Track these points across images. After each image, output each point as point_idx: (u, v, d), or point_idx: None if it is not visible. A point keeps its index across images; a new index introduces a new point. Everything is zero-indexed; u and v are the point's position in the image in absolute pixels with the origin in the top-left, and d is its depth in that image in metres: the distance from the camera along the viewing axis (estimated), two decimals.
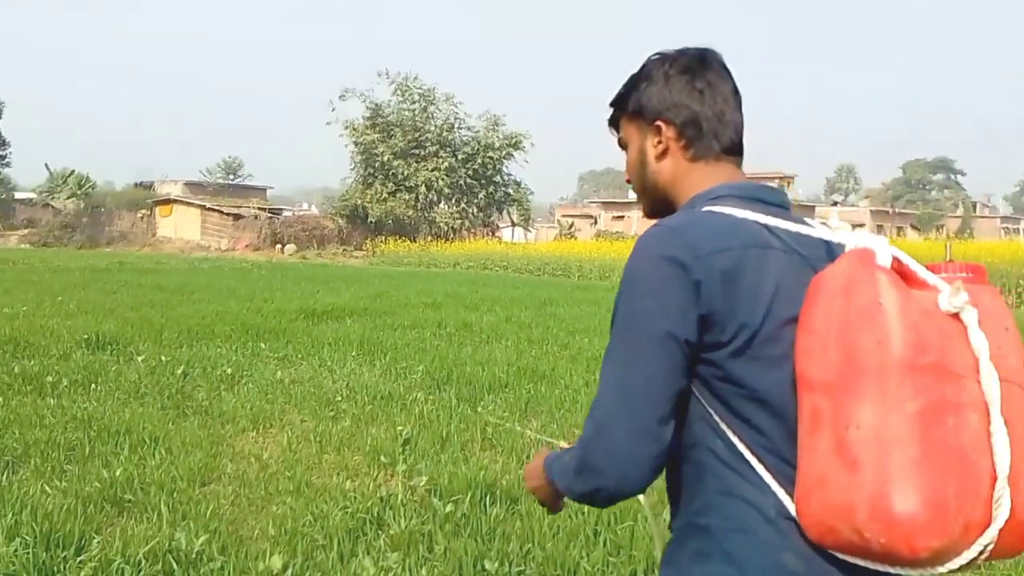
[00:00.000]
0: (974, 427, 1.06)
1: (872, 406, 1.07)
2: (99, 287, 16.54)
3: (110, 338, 9.21)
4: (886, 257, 1.13)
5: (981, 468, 1.06)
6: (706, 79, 1.36)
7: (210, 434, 5.68)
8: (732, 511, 1.22)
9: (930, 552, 1.04)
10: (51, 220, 45.42)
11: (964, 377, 1.07)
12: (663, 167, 1.39)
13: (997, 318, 1.13)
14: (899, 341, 1.06)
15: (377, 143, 44.10)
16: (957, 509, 1.03)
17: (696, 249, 1.20)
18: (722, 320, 1.20)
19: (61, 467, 4.74)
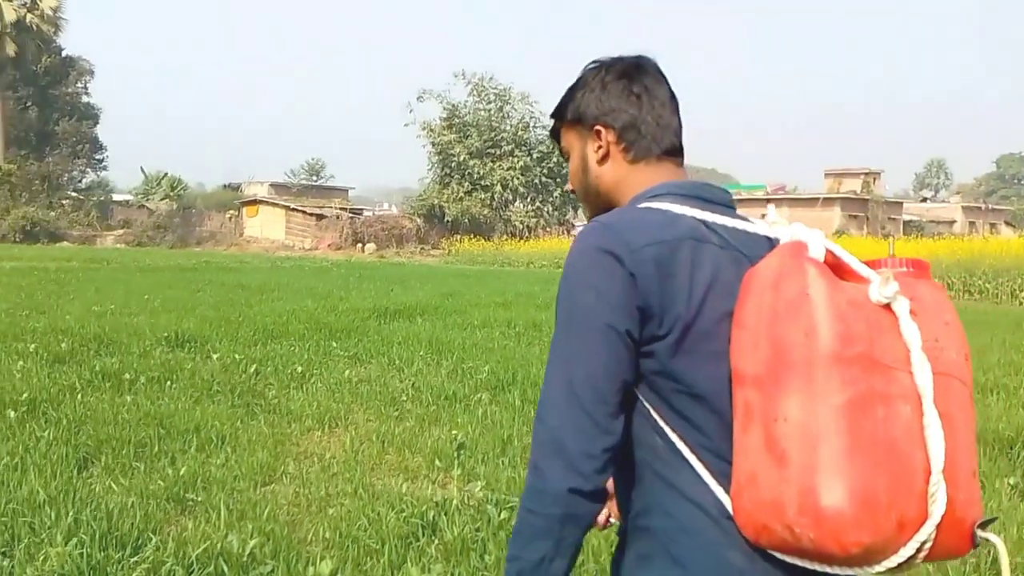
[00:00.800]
0: (906, 419, 1.03)
1: (799, 399, 1.04)
2: (184, 286, 17.04)
3: (189, 336, 9.41)
4: (818, 250, 1.10)
5: (914, 461, 1.02)
6: (643, 84, 1.38)
7: (276, 433, 5.71)
8: (675, 511, 1.19)
9: (861, 548, 1.00)
10: (145, 221, 47.18)
11: (895, 368, 1.04)
12: (604, 171, 1.39)
13: (937, 311, 1.11)
14: (826, 332, 1.03)
15: (453, 143, 44.37)
16: (888, 503, 1.00)
17: (630, 243, 1.19)
18: (658, 313, 1.18)
19: (130, 464, 4.81)
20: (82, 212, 46.79)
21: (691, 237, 1.21)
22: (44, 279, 17.40)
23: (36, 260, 24.86)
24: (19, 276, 18.01)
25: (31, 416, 5.63)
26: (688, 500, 1.18)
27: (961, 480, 1.05)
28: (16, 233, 40.25)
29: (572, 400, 1.17)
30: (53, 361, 7.65)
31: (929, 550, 1.04)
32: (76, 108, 48.13)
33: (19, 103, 45.74)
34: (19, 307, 11.85)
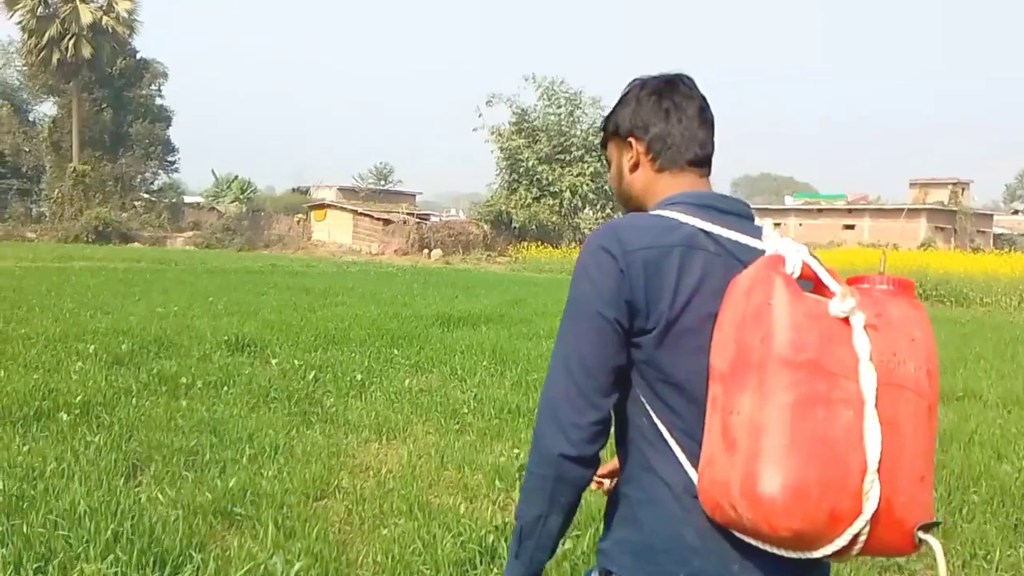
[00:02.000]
0: (846, 422, 1.15)
1: (751, 395, 1.19)
2: (249, 289, 17.25)
3: (249, 340, 9.42)
4: (795, 264, 1.24)
5: (851, 460, 1.14)
6: (672, 100, 1.53)
7: (331, 443, 5.58)
8: (647, 484, 1.37)
9: (791, 532, 1.14)
10: (214, 223, 48.33)
11: (840, 376, 1.16)
12: (635, 178, 1.56)
13: (904, 327, 1.22)
14: (780, 339, 1.17)
15: (522, 148, 44.27)
16: (819, 496, 1.12)
17: (625, 244, 1.36)
18: (644, 308, 1.34)
19: (179, 473, 4.72)
20: (153, 214, 48.21)
21: (684, 244, 1.36)
22: (112, 279, 17.84)
23: (106, 260, 25.61)
24: (88, 276, 18.51)
25: (84, 419, 5.62)
26: (658, 476, 1.35)
27: (903, 484, 1.17)
28: (89, 233, 41.64)
29: (567, 377, 1.37)
30: (112, 363, 7.71)
31: (866, 544, 1.16)
32: (149, 110, 49.58)
33: (94, 105, 47.37)
34: (85, 307, 12.10)
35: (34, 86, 49.41)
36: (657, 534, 1.35)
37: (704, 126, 1.55)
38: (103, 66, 45.59)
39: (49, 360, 7.57)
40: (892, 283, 1.28)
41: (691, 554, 1.32)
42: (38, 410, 5.69)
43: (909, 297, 1.29)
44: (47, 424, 5.47)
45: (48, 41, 43.26)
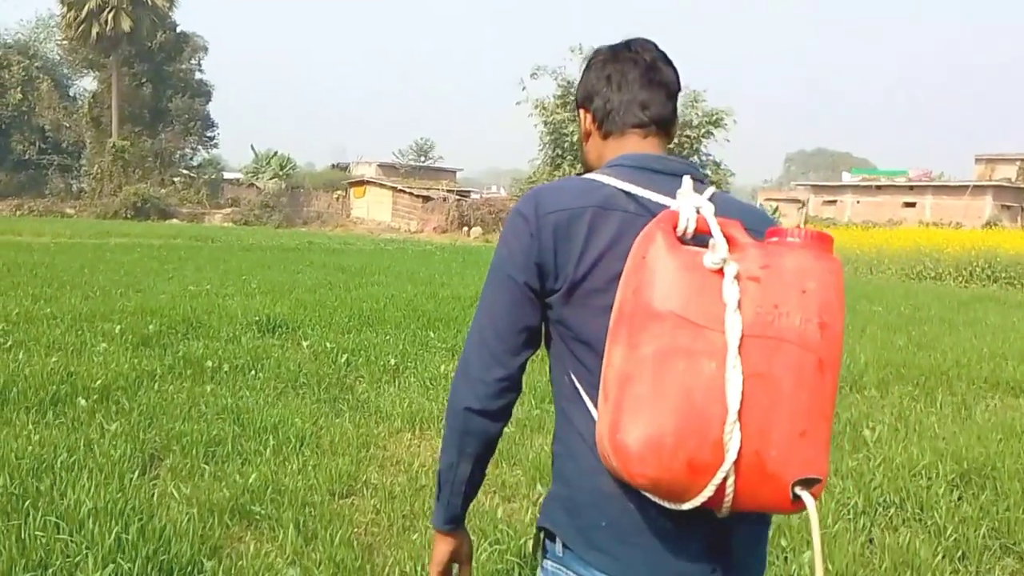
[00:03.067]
0: (708, 373, 1.16)
1: (620, 347, 1.23)
2: (285, 267, 17.16)
3: (281, 320, 9.24)
4: (689, 218, 1.25)
5: (711, 411, 1.15)
6: (615, 66, 1.55)
7: (361, 434, 5.33)
8: (568, 440, 1.43)
9: (647, 480, 1.18)
10: (253, 199, 48.59)
11: (706, 328, 1.17)
12: (589, 147, 1.61)
13: (796, 279, 1.20)
14: (647, 291, 1.21)
15: (567, 122, 43.66)
16: (674, 445, 1.15)
17: (539, 208, 1.42)
18: (552, 270, 1.40)
19: (197, 466, 4.50)
20: (192, 190, 48.65)
21: (598, 206, 1.39)
22: (147, 256, 17.89)
23: (143, 237, 25.79)
24: (122, 253, 18.58)
25: (102, 405, 5.44)
26: (576, 431, 1.40)
27: (777, 438, 1.16)
28: (127, 209, 42.13)
29: (479, 337, 1.44)
30: (138, 344, 7.55)
31: (739, 497, 1.17)
32: (189, 85, 49.96)
33: (134, 79, 47.83)
34: (116, 285, 12.05)
35: (74, 60, 50.05)
36: (581, 488, 1.39)
37: (649, 87, 1.54)
38: (143, 40, 45.98)
39: (73, 341, 7.44)
40: (802, 236, 1.26)
41: (608, 502, 1.35)
42: (55, 395, 5.52)
43: (817, 250, 1.25)
44: (64, 410, 5.30)
45: (87, 14, 43.71)
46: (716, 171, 45.81)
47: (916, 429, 6.05)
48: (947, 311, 14.64)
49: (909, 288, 21.20)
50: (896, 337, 10.81)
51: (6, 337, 7.36)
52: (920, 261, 26.25)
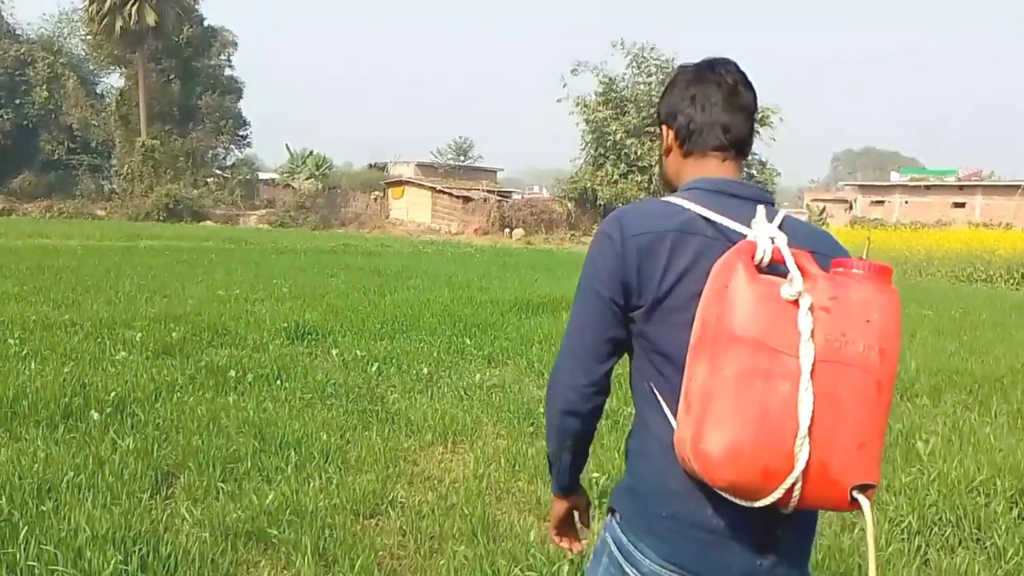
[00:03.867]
0: (783, 393, 1.38)
1: (704, 366, 1.44)
2: (319, 270, 17.21)
3: (310, 327, 9.20)
4: (765, 250, 1.47)
5: (784, 426, 1.37)
6: (699, 87, 1.74)
7: (390, 448, 5.23)
8: (643, 438, 1.68)
9: (726, 483, 1.42)
10: (288, 200, 49.02)
11: (782, 353, 1.39)
12: (669, 162, 1.84)
13: (860, 311, 1.42)
14: (729, 318, 1.42)
15: (609, 120, 43.35)
16: (751, 455, 1.38)
17: (625, 230, 1.63)
18: (636, 288, 1.61)
19: (213, 485, 4.42)
20: (226, 191, 49.24)
21: (679, 230, 1.60)
22: (176, 259, 18.06)
23: (173, 239, 26.10)
24: (151, 256, 18.80)
25: (116, 419, 5.40)
26: (651, 432, 1.64)
27: (839, 449, 1.40)
28: (159, 211, 42.76)
29: (570, 347, 1.70)
30: (159, 353, 7.55)
31: (803, 498, 1.41)
32: (219, 82, 50.58)
33: (161, 76, 48.53)
34: (142, 289, 12.14)
35: (99, 56, 50.81)
36: (646, 480, 1.64)
37: (731, 111, 1.73)
38: (169, 34, 46.60)
39: (91, 349, 7.45)
40: (865, 268, 1.47)
41: (672, 497, 1.58)
42: (67, 408, 5.50)
43: (879, 282, 1.46)
44: (75, 424, 5.27)
45: (110, 7, 44.35)
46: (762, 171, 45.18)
47: (971, 441, 5.90)
48: (999, 315, 14.47)
49: (959, 291, 20.81)
50: (947, 342, 10.59)
51: (21, 346, 7.40)
52: (971, 263, 26.12)
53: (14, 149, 47.50)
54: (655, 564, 1.61)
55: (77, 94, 49.31)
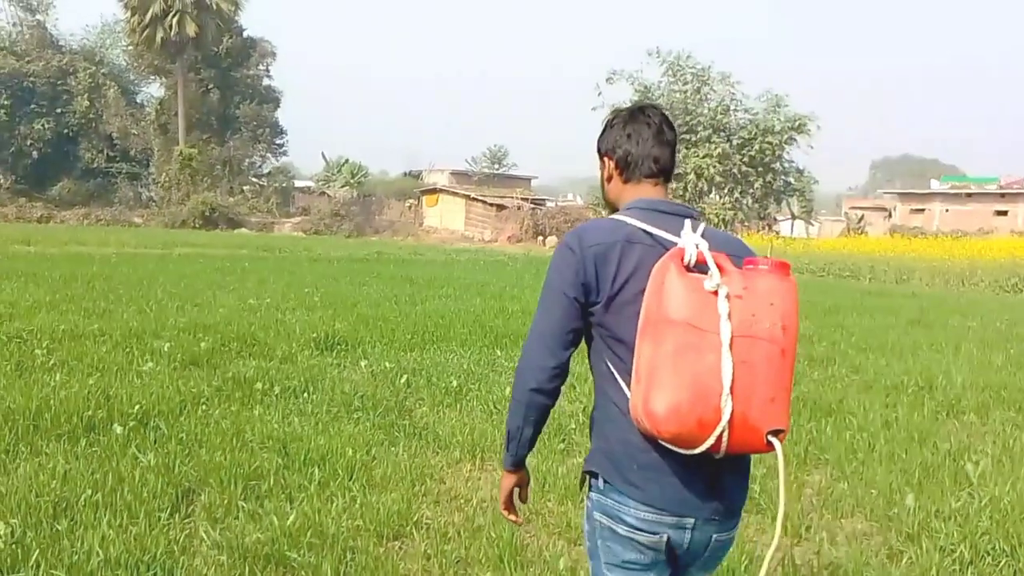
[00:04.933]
0: (710, 362, 1.77)
1: (649, 344, 1.84)
2: (351, 278, 17.17)
3: (340, 338, 9.11)
4: (691, 253, 1.87)
5: (712, 387, 1.76)
6: (633, 126, 2.18)
7: (416, 465, 5.08)
8: (607, 408, 2.06)
9: (670, 435, 1.81)
10: (323, 208, 49.28)
11: (707, 331, 1.78)
12: (611, 187, 2.25)
13: (765, 296, 1.83)
14: (666, 306, 1.82)
15: None
16: (688, 411, 1.77)
17: (583, 242, 2.04)
18: (595, 287, 2.01)
19: (234, 503, 4.29)
20: (262, 198, 49.62)
21: (625, 240, 2.02)
22: (209, 268, 18.12)
23: (208, 247, 26.28)
24: (185, 264, 18.89)
25: (139, 433, 5.29)
26: (612, 402, 2.03)
27: (755, 403, 1.79)
28: (196, 219, 43.18)
29: (539, 336, 2.07)
30: (187, 364, 7.48)
31: (730, 443, 1.79)
32: (257, 91, 51.08)
33: (200, 85, 49.12)
34: (173, 298, 12.13)
35: (139, 66, 51.69)
36: (615, 441, 1.99)
37: (660, 145, 2.16)
38: (208, 45, 47.21)
39: (118, 360, 7.39)
40: (768, 264, 1.88)
41: (638, 452, 1.94)
42: (90, 421, 5.42)
43: (780, 274, 1.87)
44: (97, 438, 5.18)
45: (151, 18, 45.05)
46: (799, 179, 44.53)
47: (1023, 462, 5.64)
48: None
49: (1004, 301, 20.33)
50: (993, 355, 10.29)
51: (48, 356, 7.36)
52: (1015, 272, 25.58)
53: (54, 157, 48.34)
54: (636, 509, 1.97)
55: (117, 103, 50.07)
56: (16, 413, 5.47)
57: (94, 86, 49.44)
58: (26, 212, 43.69)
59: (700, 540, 1.99)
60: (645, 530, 1.96)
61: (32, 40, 51.63)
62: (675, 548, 1.99)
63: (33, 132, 47.49)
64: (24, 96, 47.75)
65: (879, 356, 9.76)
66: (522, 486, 2.29)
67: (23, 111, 47.61)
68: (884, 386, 7.99)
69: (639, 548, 1.99)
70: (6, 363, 7.08)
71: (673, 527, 1.96)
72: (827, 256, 31.85)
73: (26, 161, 47.91)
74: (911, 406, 7.21)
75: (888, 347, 10.56)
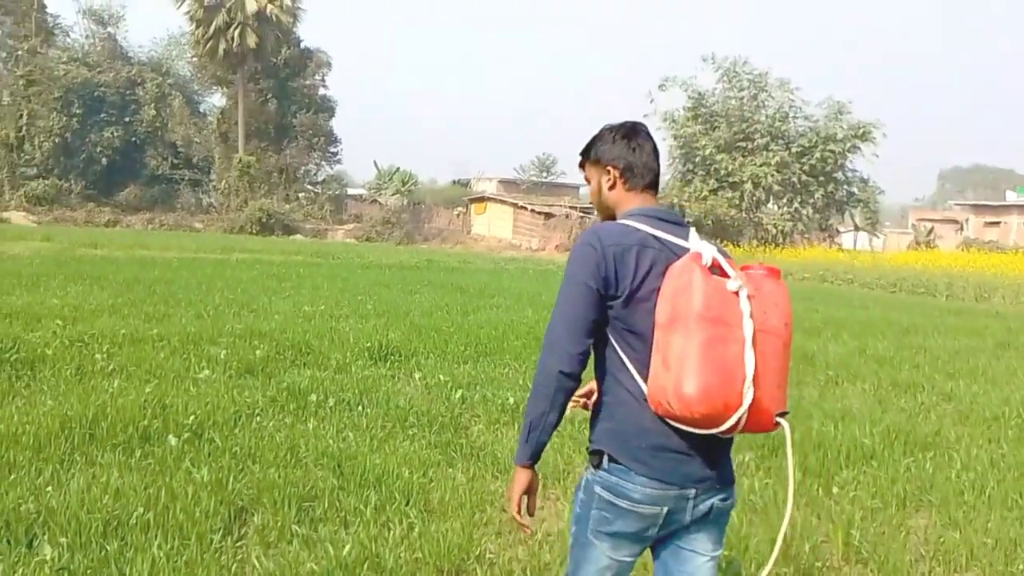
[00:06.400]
0: (735, 352, 1.98)
1: (679, 337, 2.00)
2: (402, 286, 16.94)
3: (393, 348, 8.84)
4: (708, 258, 2.07)
5: (736, 375, 1.97)
6: (636, 141, 2.37)
7: (475, 490, 4.77)
8: (618, 394, 2.20)
9: (701, 415, 1.98)
10: (375, 216, 49.43)
11: (733, 325, 1.99)
12: (611, 194, 2.38)
13: (771, 297, 2.09)
14: (697, 303, 2.00)
15: (699, 136, 42.41)
16: (717, 394, 1.96)
17: (602, 241, 2.19)
18: (614, 283, 2.15)
19: (288, 527, 4.02)
20: (316, 205, 49.93)
21: (639, 244, 2.18)
22: (265, 273, 18.04)
23: (264, 252, 26.32)
24: (243, 269, 18.84)
25: (193, 446, 5.06)
26: (624, 388, 2.18)
27: (766, 389, 2.00)
28: (253, 224, 43.50)
29: (564, 323, 2.18)
30: (242, 372, 7.27)
31: (746, 424, 2.01)
32: (313, 101, 51.41)
33: (259, 95, 49.61)
34: (231, 304, 11.99)
35: (203, 77, 52.49)
36: (626, 422, 2.18)
37: (655, 159, 2.39)
38: (268, 56, 47.68)
39: (175, 366, 7.20)
40: (765, 269, 2.15)
41: (647, 433, 2.14)
42: (146, 431, 5.20)
43: (775, 279, 2.14)
44: (152, 449, 4.95)
45: (215, 31, 45.67)
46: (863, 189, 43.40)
47: None
48: None
49: None
50: None
51: (108, 361, 7.20)
52: None
53: (122, 164, 49.13)
54: (643, 485, 2.12)
55: (182, 113, 50.79)
56: (73, 421, 5.28)
57: (160, 96, 50.21)
58: (95, 216, 44.35)
59: (703, 508, 2.18)
60: (648, 503, 2.13)
61: (104, 52, 52.64)
62: (675, 520, 2.17)
63: (103, 140, 48.26)
64: (95, 106, 48.58)
65: (970, 382, 9.09)
66: (532, 493, 2.30)
67: (94, 120, 48.42)
68: (983, 417, 7.34)
69: (635, 520, 2.16)
70: (66, 367, 6.93)
71: (676, 499, 2.14)
72: (897, 271, 30.38)
73: (96, 167, 48.70)
74: (1018, 441, 6.57)
75: (979, 372, 9.87)
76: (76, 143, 47.92)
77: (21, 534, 3.68)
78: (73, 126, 47.41)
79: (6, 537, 3.67)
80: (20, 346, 7.42)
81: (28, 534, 3.70)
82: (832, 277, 31.04)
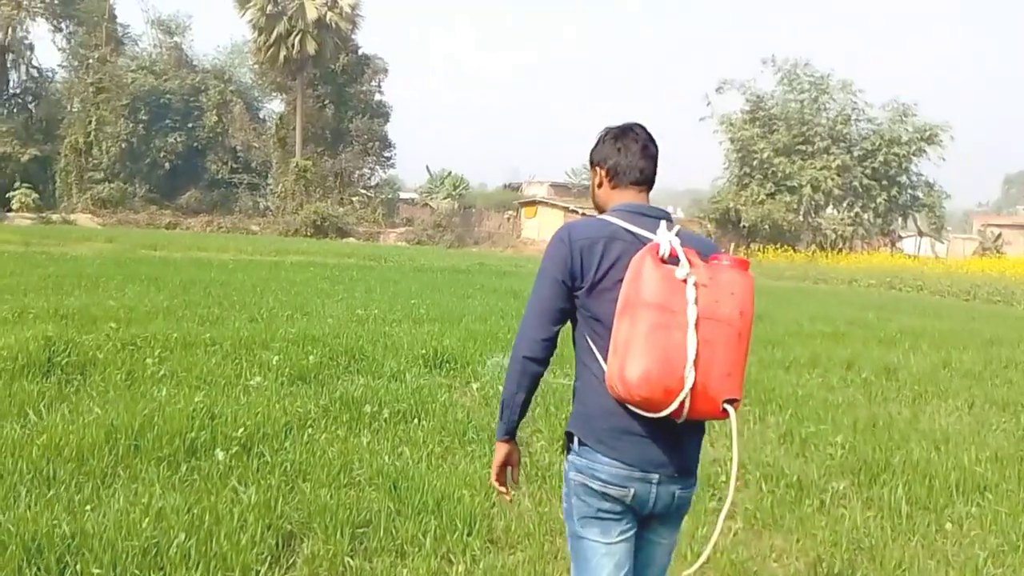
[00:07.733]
0: (677, 338, 2.01)
1: (625, 323, 2.08)
2: (454, 290, 16.55)
3: (449, 355, 8.41)
4: (664, 248, 2.12)
5: (677, 360, 2.00)
6: (623, 141, 2.45)
7: (543, 515, 4.35)
8: (585, 378, 2.30)
9: (641, 399, 2.04)
10: (426, 219, 49.35)
11: (677, 312, 2.03)
12: (600, 192, 2.51)
13: (727, 286, 2.10)
14: (643, 291, 2.06)
15: (756, 139, 41.41)
16: (657, 379, 2.01)
17: (572, 235, 2.30)
18: (580, 275, 2.27)
19: (341, 558, 3.60)
20: (369, 209, 49.99)
21: (608, 237, 2.27)
22: (319, 275, 17.80)
23: (318, 255, 26.18)
24: (297, 271, 18.64)
25: (242, 460, 4.67)
26: (591, 373, 2.26)
27: (714, 376, 2.04)
28: (307, 227, 43.64)
29: (533, 312, 2.33)
30: (294, 379, 6.89)
31: (691, 409, 2.04)
32: (369, 106, 51.47)
33: (317, 101, 49.85)
34: (284, 306, 11.70)
35: (263, 84, 52.96)
36: (593, 405, 2.26)
37: (645, 158, 2.44)
38: (326, 62, 47.85)
39: (227, 372, 6.85)
40: (729, 260, 2.18)
41: (610, 415, 2.20)
42: (193, 443, 4.83)
43: (740, 269, 2.15)
44: (199, 464, 4.58)
45: (276, 38, 45.96)
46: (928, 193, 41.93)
47: None
48: None
49: None
50: None
51: (159, 366, 6.87)
52: None
53: (184, 168, 49.75)
54: (608, 466, 2.22)
55: (242, 118, 51.26)
56: (119, 431, 4.93)
57: (222, 102, 50.75)
58: (156, 219, 44.88)
59: (664, 495, 2.23)
60: (615, 483, 2.21)
61: (170, 60, 53.38)
62: (641, 504, 2.23)
63: (167, 145, 48.92)
64: (160, 112, 49.27)
65: None
66: (513, 465, 2.48)
67: (159, 126, 49.11)
68: None
69: (610, 500, 2.22)
70: (117, 372, 6.62)
71: (640, 481, 2.20)
72: (969, 278, 29.19)
73: (159, 172, 49.38)
74: None
75: None
76: (141, 148, 48.62)
77: (52, 562, 3.32)
78: (139, 132, 48.08)
79: (37, 564, 3.31)
80: (73, 349, 7.14)
81: (60, 563, 3.33)
82: (900, 284, 29.94)
